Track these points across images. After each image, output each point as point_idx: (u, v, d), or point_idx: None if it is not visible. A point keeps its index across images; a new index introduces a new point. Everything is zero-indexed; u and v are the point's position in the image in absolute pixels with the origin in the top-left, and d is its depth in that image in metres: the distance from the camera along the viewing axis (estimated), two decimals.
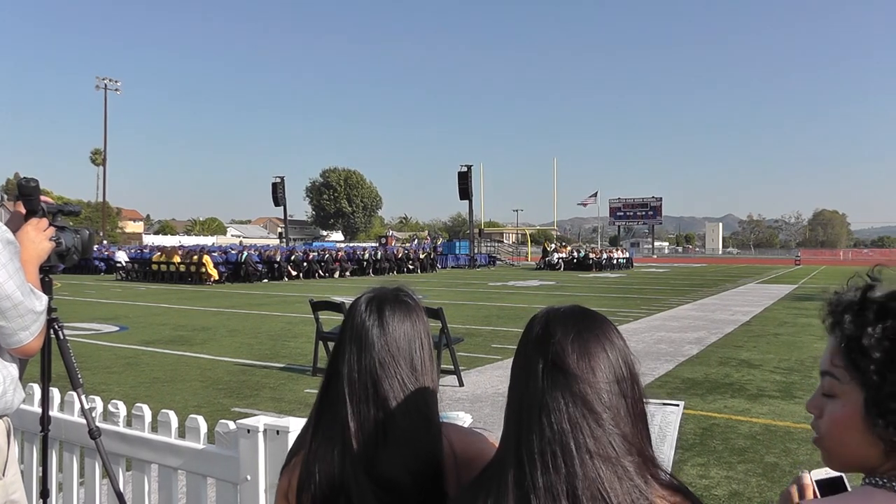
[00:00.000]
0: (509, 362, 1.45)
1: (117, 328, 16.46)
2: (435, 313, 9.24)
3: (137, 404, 3.06)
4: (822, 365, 1.28)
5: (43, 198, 2.72)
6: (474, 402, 8.86)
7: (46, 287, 2.71)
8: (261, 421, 2.53)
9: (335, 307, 10.35)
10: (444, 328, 9.53)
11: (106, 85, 74.40)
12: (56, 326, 2.91)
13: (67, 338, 3.03)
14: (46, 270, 2.76)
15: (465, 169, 59.06)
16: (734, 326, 17.12)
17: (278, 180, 64.01)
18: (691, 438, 7.21)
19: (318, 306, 10.63)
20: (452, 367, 9.84)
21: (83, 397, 3.03)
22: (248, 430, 2.52)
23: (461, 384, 9.78)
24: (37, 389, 3.34)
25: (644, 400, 1.34)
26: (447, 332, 9.56)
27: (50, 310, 2.63)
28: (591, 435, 1.23)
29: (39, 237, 2.60)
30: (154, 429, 2.99)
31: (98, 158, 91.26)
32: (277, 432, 2.46)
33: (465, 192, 59.34)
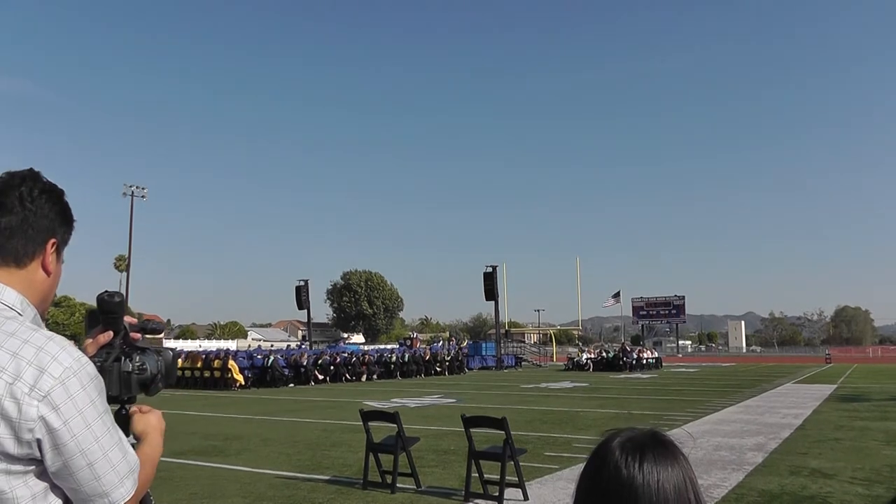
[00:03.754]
0: (568, 472, 1.12)
1: None
2: (499, 423, 8.70)
3: None
4: None
5: (127, 318, 2.20)
6: None
7: (122, 421, 2.14)
8: None
9: (388, 417, 9.78)
10: (509, 438, 8.88)
11: (133, 192, 74.67)
12: None
13: None
14: (124, 402, 2.19)
15: (490, 269, 58.98)
16: (790, 430, 16.36)
17: (302, 283, 64.01)
18: None
19: (368, 416, 10.05)
20: (517, 479, 9.18)
21: None
22: None
23: (526, 498, 9.11)
24: None
25: None
26: (511, 443, 8.90)
27: None
28: None
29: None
30: None
31: (122, 265, 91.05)
32: None
33: (490, 292, 59.02)
